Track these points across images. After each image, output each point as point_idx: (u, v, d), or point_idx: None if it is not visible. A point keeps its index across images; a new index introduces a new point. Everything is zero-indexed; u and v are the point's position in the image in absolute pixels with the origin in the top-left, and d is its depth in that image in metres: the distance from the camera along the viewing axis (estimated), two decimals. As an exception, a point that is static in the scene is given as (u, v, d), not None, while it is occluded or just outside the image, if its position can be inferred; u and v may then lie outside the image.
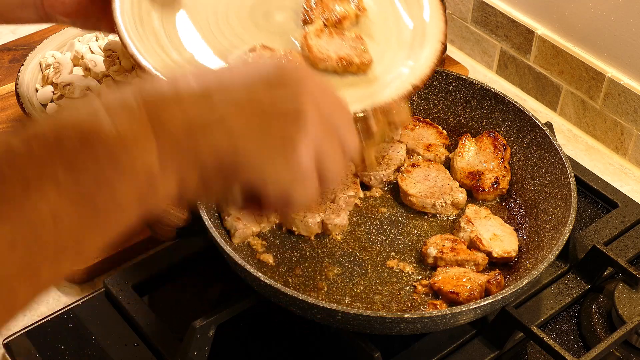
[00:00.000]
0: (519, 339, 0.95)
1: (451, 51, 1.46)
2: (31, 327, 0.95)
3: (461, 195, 1.05)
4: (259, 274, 0.86)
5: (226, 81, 0.61)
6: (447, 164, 1.11)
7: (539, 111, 1.35)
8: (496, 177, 1.07)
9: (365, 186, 1.08)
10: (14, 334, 0.94)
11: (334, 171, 0.65)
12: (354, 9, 0.99)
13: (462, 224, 1.01)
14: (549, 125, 1.12)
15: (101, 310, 0.97)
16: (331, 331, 0.90)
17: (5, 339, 0.94)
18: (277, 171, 0.61)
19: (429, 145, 1.12)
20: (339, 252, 0.99)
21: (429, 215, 1.05)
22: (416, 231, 1.03)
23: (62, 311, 0.97)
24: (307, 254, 0.99)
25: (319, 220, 1.00)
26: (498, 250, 0.98)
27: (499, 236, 1.00)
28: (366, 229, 1.02)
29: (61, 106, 1.14)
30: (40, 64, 1.22)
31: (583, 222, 1.11)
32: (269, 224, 1.01)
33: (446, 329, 0.90)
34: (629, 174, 1.24)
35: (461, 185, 1.07)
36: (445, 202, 1.04)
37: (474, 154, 1.10)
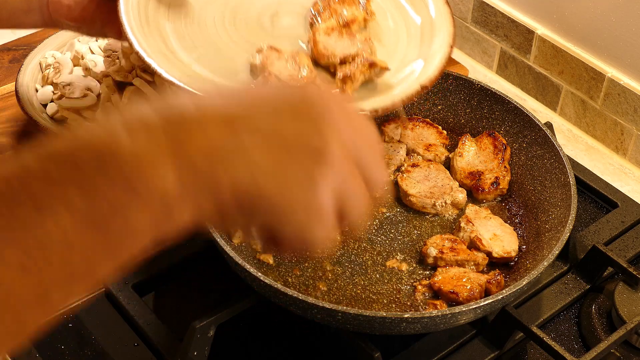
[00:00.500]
0: (519, 339, 0.95)
1: (451, 51, 1.46)
2: (31, 327, 0.95)
3: (461, 195, 1.05)
4: (259, 274, 0.86)
5: (251, 107, 0.59)
6: (447, 164, 1.11)
7: (539, 111, 1.35)
8: (496, 177, 1.07)
9: (365, 186, 1.08)
10: (14, 334, 0.94)
11: (355, 209, 0.63)
12: (362, 13, 0.99)
13: (462, 224, 1.01)
14: (549, 125, 1.12)
15: (101, 310, 0.97)
16: (331, 331, 0.90)
17: (5, 339, 0.94)
18: (295, 212, 0.59)
19: (429, 145, 1.12)
20: (339, 252, 0.99)
21: (429, 215, 1.05)
22: (416, 231, 1.03)
23: (62, 311, 0.97)
24: (307, 254, 0.99)
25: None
26: (498, 250, 0.98)
27: (499, 236, 1.00)
28: (366, 229, 1.02)
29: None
30: (40, 64, 1.22)
31: (583, 222, 1.11)
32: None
33: (446, 329, 0.90)
34: (629, 174, 1.24)
35: (461, 185, 1.07)
36: (445, 202, 1.04)
37: (474, 154, 1.10)
